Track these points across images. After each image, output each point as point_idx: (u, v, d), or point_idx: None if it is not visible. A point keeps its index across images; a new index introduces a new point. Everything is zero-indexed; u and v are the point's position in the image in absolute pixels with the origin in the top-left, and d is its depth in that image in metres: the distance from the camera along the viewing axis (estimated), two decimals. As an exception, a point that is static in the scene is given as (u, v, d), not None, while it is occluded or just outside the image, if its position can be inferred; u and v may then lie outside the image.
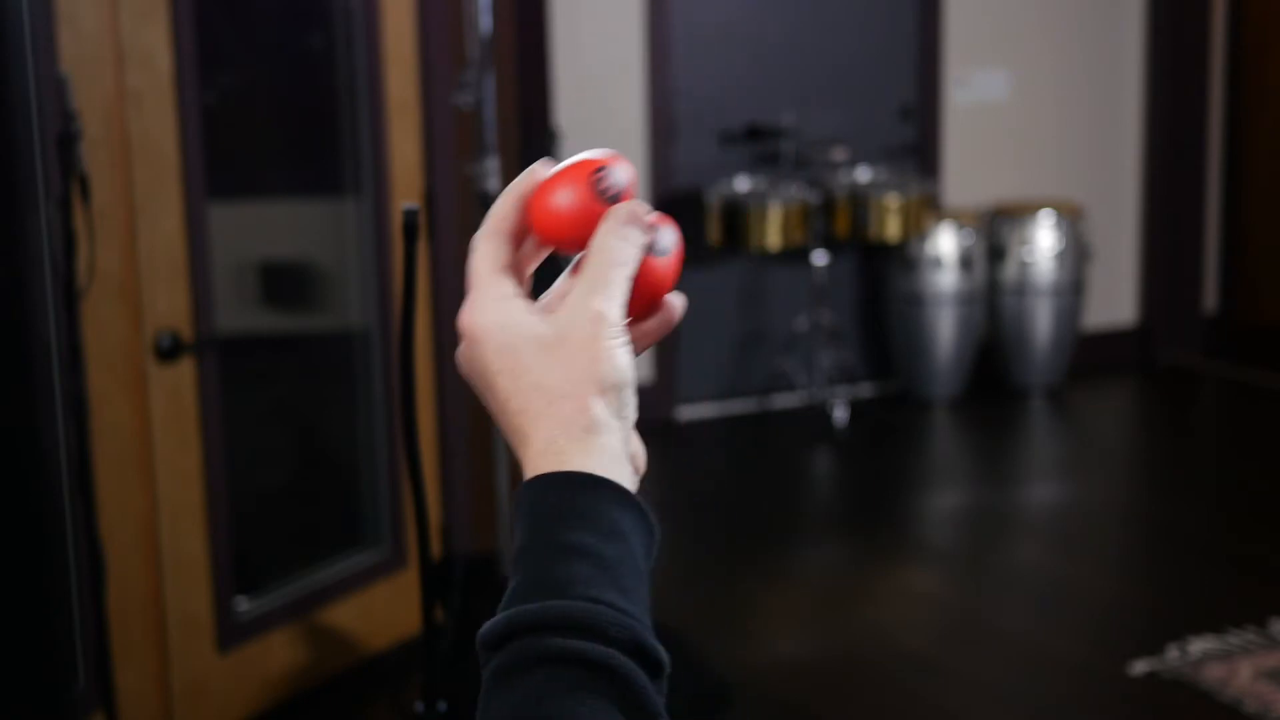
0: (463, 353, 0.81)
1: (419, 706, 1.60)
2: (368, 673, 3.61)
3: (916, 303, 6.00)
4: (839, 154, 5.77)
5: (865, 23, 6.15)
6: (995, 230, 6.20)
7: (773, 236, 5.57)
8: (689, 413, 6.04)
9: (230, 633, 3.28)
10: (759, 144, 5.94)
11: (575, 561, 0.73)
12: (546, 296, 0.83)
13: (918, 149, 6.27)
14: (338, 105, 3.59)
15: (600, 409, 0.77)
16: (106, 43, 2.89)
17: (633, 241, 0.79)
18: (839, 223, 5.82)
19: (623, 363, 0.78)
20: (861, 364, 6.26)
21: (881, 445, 5.79)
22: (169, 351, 3.02)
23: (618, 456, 0.77)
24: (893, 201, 5.70)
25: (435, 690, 1.61)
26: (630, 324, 0.80)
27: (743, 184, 5.67)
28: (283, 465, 3.75)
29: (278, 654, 3.41)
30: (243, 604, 3.33)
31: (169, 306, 3.05)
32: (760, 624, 4.07)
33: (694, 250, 5.95)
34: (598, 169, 0.81)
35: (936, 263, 5.94)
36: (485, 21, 3.50)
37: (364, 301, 3.67)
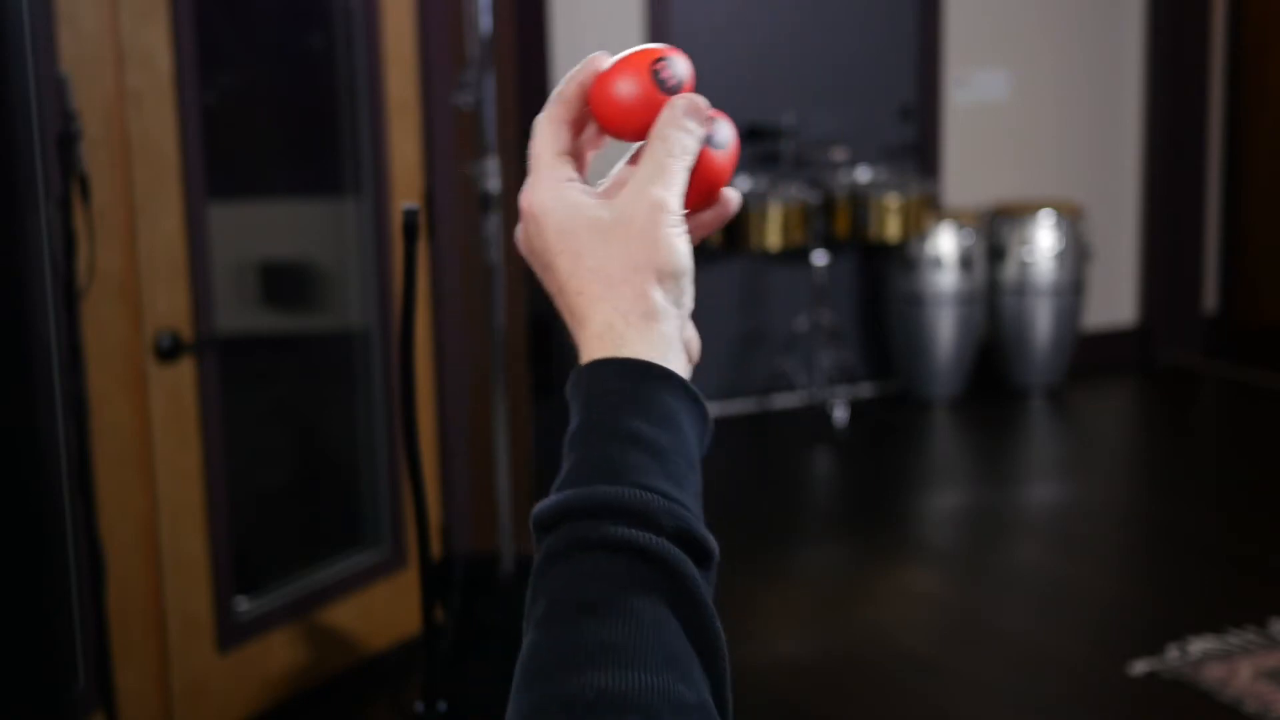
0: (522, 232, 0.82)
1: (419, 706, 1.60)
2: (368, 673, 3.61)
3: (916, 303, 6.00)
4: (839, 154, 5.77)
5: (865, 23, 6.15)
6: (995, 230, 6.20)
7: (773, 236, 5.57)
8: (689, 413, 6.03)
9: (230, 633, 3.28)
10: (759, 144, 5.94)
11: (630, 448, 0.73)
12: (605, 182, 0.83)
13: (918, 149, 6.27)
14: (338, 105, 3.59)
15: (658, 295, 0.78)
16: (106, 43, 2.89)
17: (692, 132, 0.80)
18: (839, 223, 5.82)
19: (681, 250, 0.79)
20: (861, 364, 6.26)
21: (881, 445, 5.79)
22: (169, 351, 3.02)
23: (674, 344, 0.79)
24: (893, 201, 5.71)
25: (435, 690, 1.61)
26: (687, 215, 0.81)
27: (743, 184, 5.67)
28: (283, 465, 3.75)
29: (278, 654, 3.41)
30: (243, 604, 3.33)
31: (169, 306, 3.05)
32: (760, 624, 4.07)
33: (694, 250, 5.94)
34: (658, 59, 0.82)
35: (936, 263, 5.94)
36: (485, 21, 3.50)
37: (364, 301, 3.67)
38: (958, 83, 6.29)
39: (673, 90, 0.81)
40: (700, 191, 0.82)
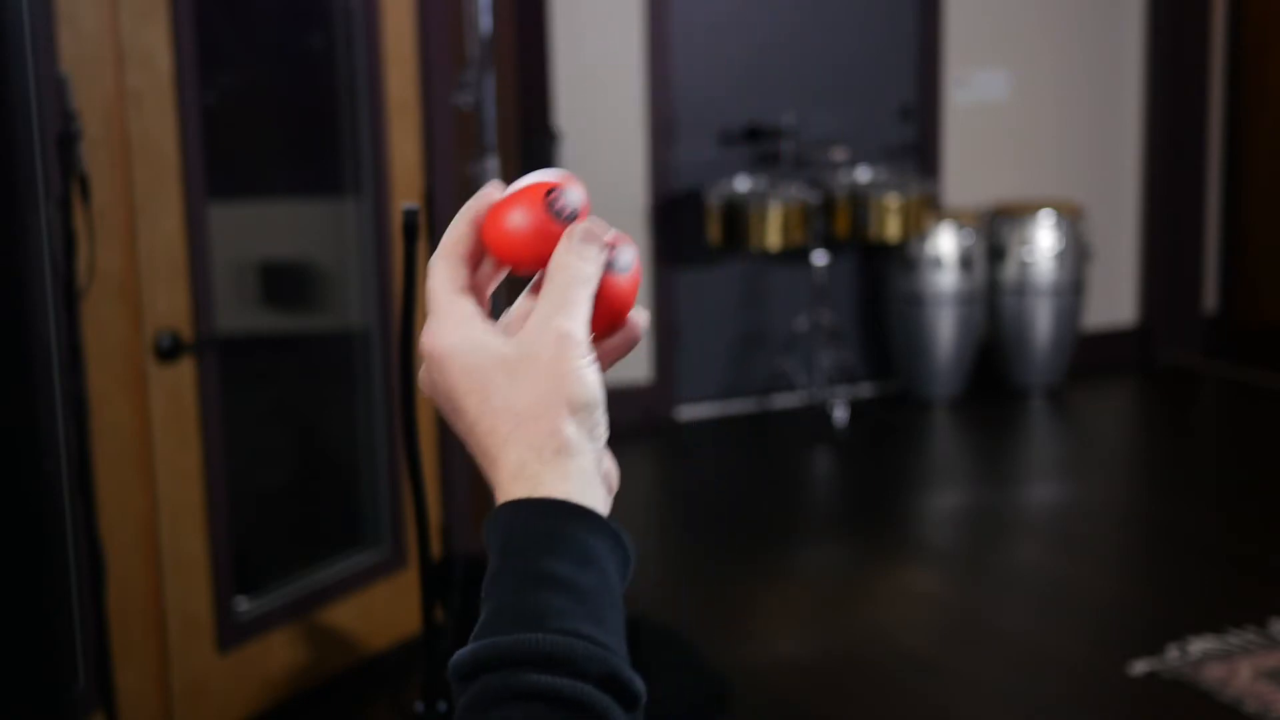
0: (426, 375, 0.80)
1: (419, 706, 1.60)
2: (368, 673, 3.61)
3: (916, 303, 6.00)
4: (839, 154, 5.77)
5: (865, 23, 6.15)
6: (995, 230, 6.20)
7: (773, 236, 5.57)
8: (689, 413, 6.03)
9: (230, 633, 3.28)
10: (759, 144, 5.94)
11: (550, 591, 0.72)
12: (506, 316, 0.82)
13: (918, 149, 6.27)
14: (338, 105, 3.59)
15: (572, 430, 0.76)
16: (106, 43, 2.89)
17: (592, 259, 0.78)
18: (839, 223, 5.82)
19: (591, 381, 0.77)
20: (861, 364, 6.26)
21: (881, 445, 5.79)
22: (169, 351, 3.02)
23: (591, 479, 0.76)
24: (893, 201, 5.70)
25: (435, 690, 1.61)
26: (594, 341, 0.79)
27: (743, 184, 5.67)
28: (283, 465, 3.75)
29: (278, 654, 3.41)
30: (243, 604, 3.33)
31: (169, 306, 3.05)
32: (760, 624, 4.07)
33: (694, 250, 5.95)
34: (551, 189, 0.80)
35: (936, 263, 5.94)
36: (485, 21, 3.50)
37: (364, 301, 3.67)
38: (958, 83, 6.29)
39: (569, 219, 0.80)
40: (605, 318, 0.80)
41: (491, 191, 0.82)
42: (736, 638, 3.90)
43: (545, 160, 4.23)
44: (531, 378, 0.76)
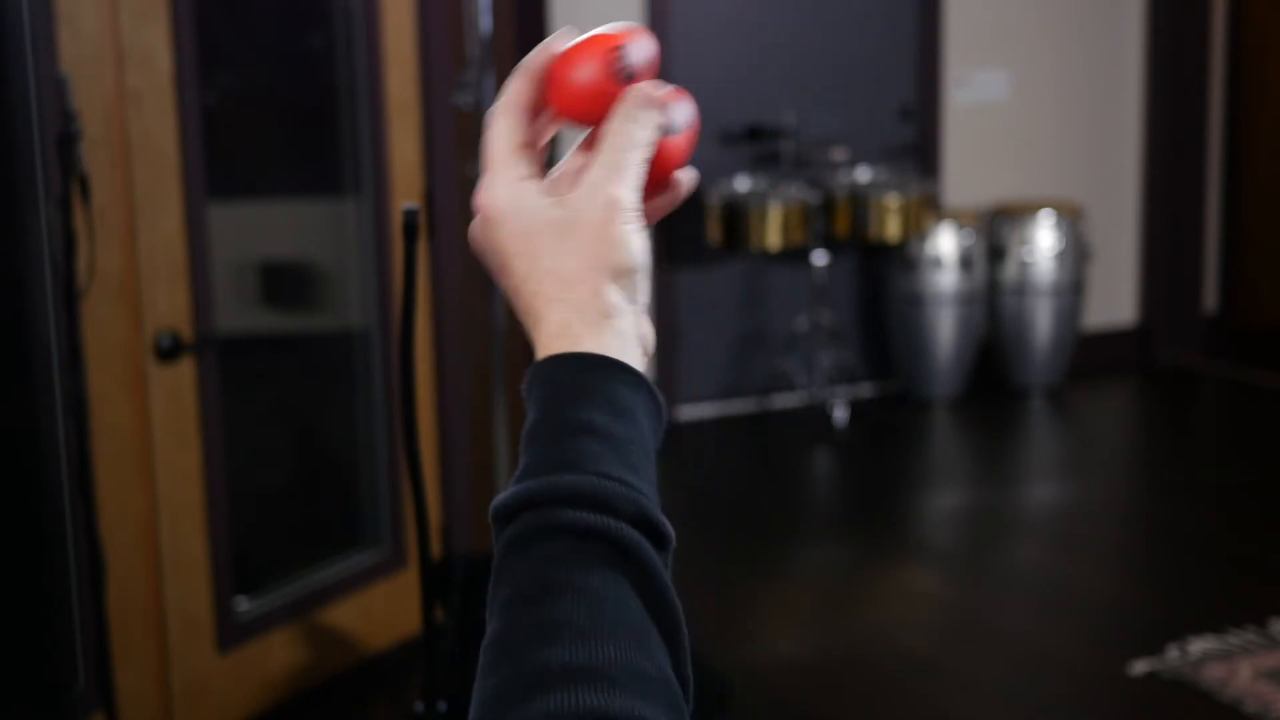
0: (478, 231, 0.83)
1: (419, 706, 1.60)
2: (368, 673, 3.61)
3: (916, 303, 6.00)
4: (839, 154, 5.77)
5: (865, 23, 6.15)
6: (995, 230, 6.20)
7: (773, 236, 5.57)
8: (689, 413, 6.03)
9: (230, 633, 3.28)
10: (759, 144, 5.94)
11: (586, 439, 0.74)
12: (556, 170, 0.84)
13: (918, 149, 6.27)
14: (338, 105, 3.59)
15: (613, 294, 0.79)
16: (106, 43, 2.89)
17: (647, 126, 0.80)
18: (839, 223, 5.82)
19: (636, 248, 0.79)
20: (861, 364, 6.26)
21: (881, 445, 5.79)
22: (169, 351, 3.02)
23: (629, 340, 0.79)
24: (893, 201, 5.70)
25: (435, 690, 1.61)
26: (643, 201, 0.82)
27: (743, 184, 5.67)
28: (283, 465, 3.75)
29: (278, 654, 3.41)
30: (243, 604, 3.33)
31: (169, 306, 3.05)
32: (760, 624, 4.07)
33: (694, 250, 5.95)
34: (616, 46, 0.81)
35: (936, 263, 5.94)
36: (485, 21, 3.50)
37: (364, 301, 3.67)
38: (958, 83, 6.29)
39: (629, 78, 0.80)
40: (655, 178, 0.83)
41: (556, 41, 0.84)
42: (736, 638, 3.90)
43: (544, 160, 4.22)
44: (579, 242, 0.79)
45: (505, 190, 0.81)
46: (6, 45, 1.28)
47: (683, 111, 0.82)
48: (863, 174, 5.88)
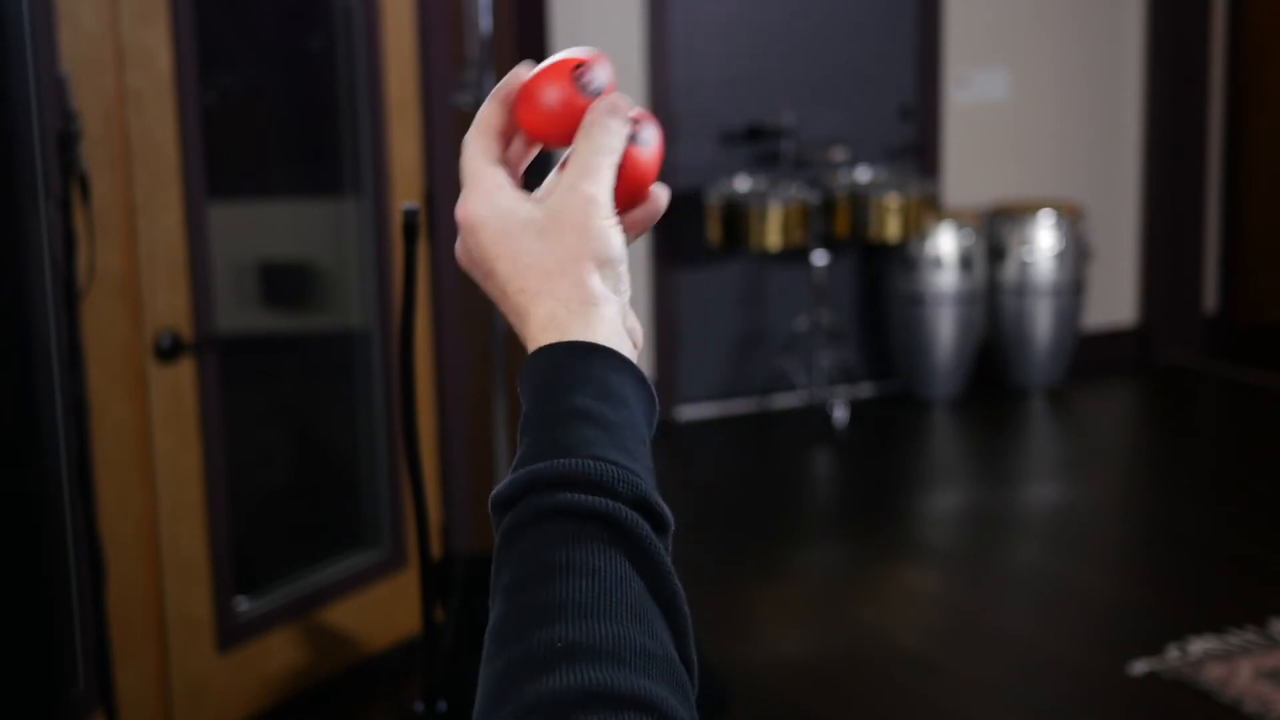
0: (461, 244, 0.85)
1: (419, 706, 1.60)
2: (368, 673, 3.61)
3: (916, 303, 6.00)
4: (839, 154, 5.77)
5: (865, 23, 6.15)
6: (995, 230, 6.20)
7: (773, 236, 5.57)
8: (689, 413, 6.03)
9: (230, 633, 3.28)
10: (759, 144, 5.94)
11: (580, 425, 0.76)
12: (538, 192, 0.86)
13: (918, 149, 6.27)
14: (338, 105, 3.59)
15: (596, 282, 0.80)
16: (106, 43, 2.89)
17: (615, 131, 0.83)
18: (839, 223, 5.82)
19: (616, 239, 0.82)
20: (861, 364, 6.26)
21: (881, 445, 5.79)
22: (169, 351, 3.02)
23: (616, 327, 0.81)
24: (893, 201, 5.70)
25: (435, 690, 1.61)
26: (618, 213, 0.83)
27: (743, 184, 5.67)
28: (283, 465, 3.75)
29: (278, 654, 3.41)
30: (243, 604, 3.33)
31: (169, 306, 3.05)
32: (760, 624, 4.07)
33: (694, 250, 5.95)
34: (578, 66, 0.84)
35: (936, 263, 5.94)
36: (485, 21, 3.50)
37: (364, 301, 3.67)
38: (958, 83, 6.29)
39: (595, 94, 0.84)
40: (628, 189, 0.85)
41: (521, 70, 0.86)
42: (736, 638, 3.90)
43: (544, 160, 4.22)
44: (559, 236, 0.81)
45: (483, 199, 0.83)
46: (6, 45, 1.28)
47: (649, 129, 0.86)
48: (863, 174, 5.88)
